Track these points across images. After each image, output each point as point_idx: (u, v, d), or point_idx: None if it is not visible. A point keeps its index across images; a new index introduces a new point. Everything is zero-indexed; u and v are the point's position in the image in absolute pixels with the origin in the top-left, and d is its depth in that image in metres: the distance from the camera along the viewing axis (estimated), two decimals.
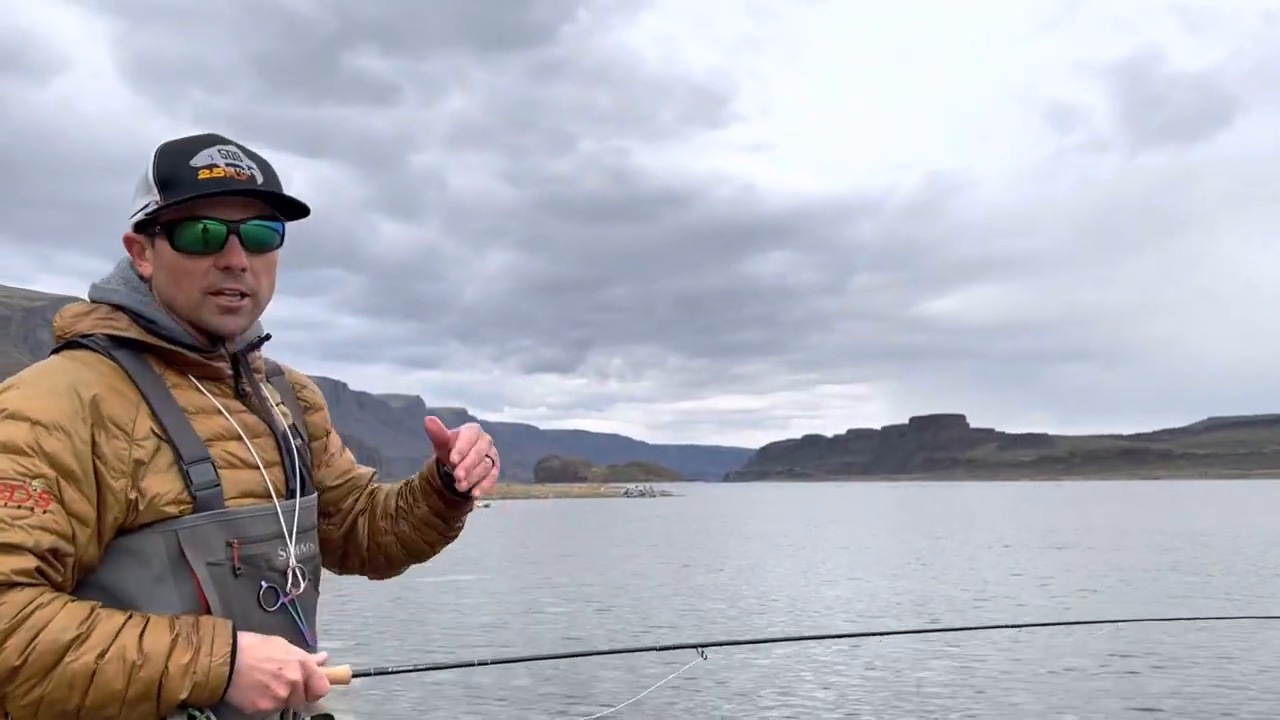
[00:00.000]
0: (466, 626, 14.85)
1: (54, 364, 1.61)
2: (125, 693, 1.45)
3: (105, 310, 1.67)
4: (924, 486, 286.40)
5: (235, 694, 1.54)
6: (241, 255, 1.66)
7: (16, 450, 1.49)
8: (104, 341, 1.64)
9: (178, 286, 1.67)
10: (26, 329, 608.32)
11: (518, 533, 44.04)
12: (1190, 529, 39.37)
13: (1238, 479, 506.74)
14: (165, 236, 1.65)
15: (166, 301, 1.69)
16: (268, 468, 1.72)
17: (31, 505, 1.47)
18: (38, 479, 1.49)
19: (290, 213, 1.74)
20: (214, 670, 1.51)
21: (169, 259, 1.66)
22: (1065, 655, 11.60)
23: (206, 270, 1.66)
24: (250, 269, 1.68)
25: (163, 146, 1.69)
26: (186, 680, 1.48)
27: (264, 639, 1.59)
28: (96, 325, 1.65)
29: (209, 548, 1.59)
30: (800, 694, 10.00)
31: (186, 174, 1.63)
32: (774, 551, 29.61)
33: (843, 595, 18.16)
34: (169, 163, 1.66)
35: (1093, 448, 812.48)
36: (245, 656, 1.54)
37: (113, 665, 1.44)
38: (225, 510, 1.61)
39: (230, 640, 1.54)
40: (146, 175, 1.67)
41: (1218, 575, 20.94)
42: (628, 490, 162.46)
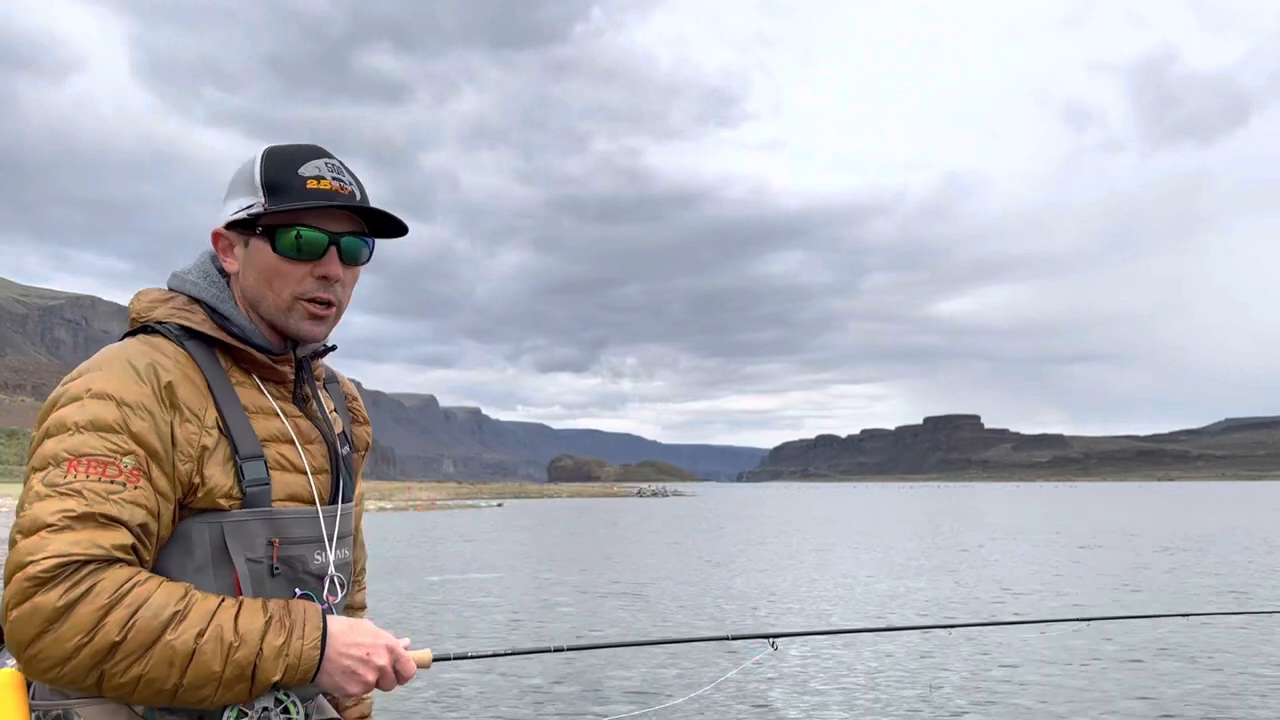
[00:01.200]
0: (512, 618, 14.78)
1: (130, 347, 1.64)
2: (222, 673, 1.48)
3: (182, 300, 1.72)
4: (939, 487, 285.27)
5: (324, 678, 1.58)
6: (338, 266, 1.72)
7: (106, 428, 1.52)
8: (176, 330, 1.68)
9: (269, 287, 1.72)
10: (44, 327, 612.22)
11: (540, 531, 43.96)
12: (1211, 529, 38.96)
13: (1255, 480, 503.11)
14: (267, 238, 1.70)
15: (252, 300, 1.73)
16: (315, 474, 1.74)
17: (124, 481, 1.51)
18: (128, 456, 1.52)
19: (380, 231, 1.80)
20: (305, 654, 1.54)
21: (266, 260, 1.70)
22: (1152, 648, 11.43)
23: (303, 277, 1.71)
24: (341, 280, 1.75)
25: (270, 151, 1.73)
26: (280, 662, 1.52)
27: (351, 623, 1.63)
28: (172, 314, 1.69)
29: (251, 544, 1.62)
30: (873, 685, 10.00)
31: (295, 181, 1.69)
32: (807, 550, 29.42)
33: (892, 590, 18.06)
34: (277, 168, 1.70)
35: (1108, 449, 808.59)
36: (335, 641, 1.58)
37: (210, 645, 1.47)
38: (270, 509, 1.64)
39: (321, 624, 1.58)
40: (252, 177, 1.70)
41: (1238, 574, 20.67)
42: (641, 490, 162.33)
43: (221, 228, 1.73)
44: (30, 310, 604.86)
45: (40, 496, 1.48)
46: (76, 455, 1.50)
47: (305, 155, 1.72)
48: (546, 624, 14.70)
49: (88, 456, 1.50)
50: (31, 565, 1.42)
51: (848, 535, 38.60)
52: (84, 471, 1.49)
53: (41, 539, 1.44)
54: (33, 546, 1.44)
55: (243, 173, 1.73)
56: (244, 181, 1.72)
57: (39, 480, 1.49)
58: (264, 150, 1.74)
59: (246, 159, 1.74)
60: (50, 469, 1.50)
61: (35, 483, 1.49)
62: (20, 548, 1.44)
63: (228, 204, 1.73)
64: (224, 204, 1.74)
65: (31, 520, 1.46)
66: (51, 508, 1.46)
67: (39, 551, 1.43)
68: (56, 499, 1.47)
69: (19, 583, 1.42)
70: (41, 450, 1.52)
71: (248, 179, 1.71)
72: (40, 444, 1.53)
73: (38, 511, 1.46)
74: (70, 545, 1.44)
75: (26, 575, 1.42)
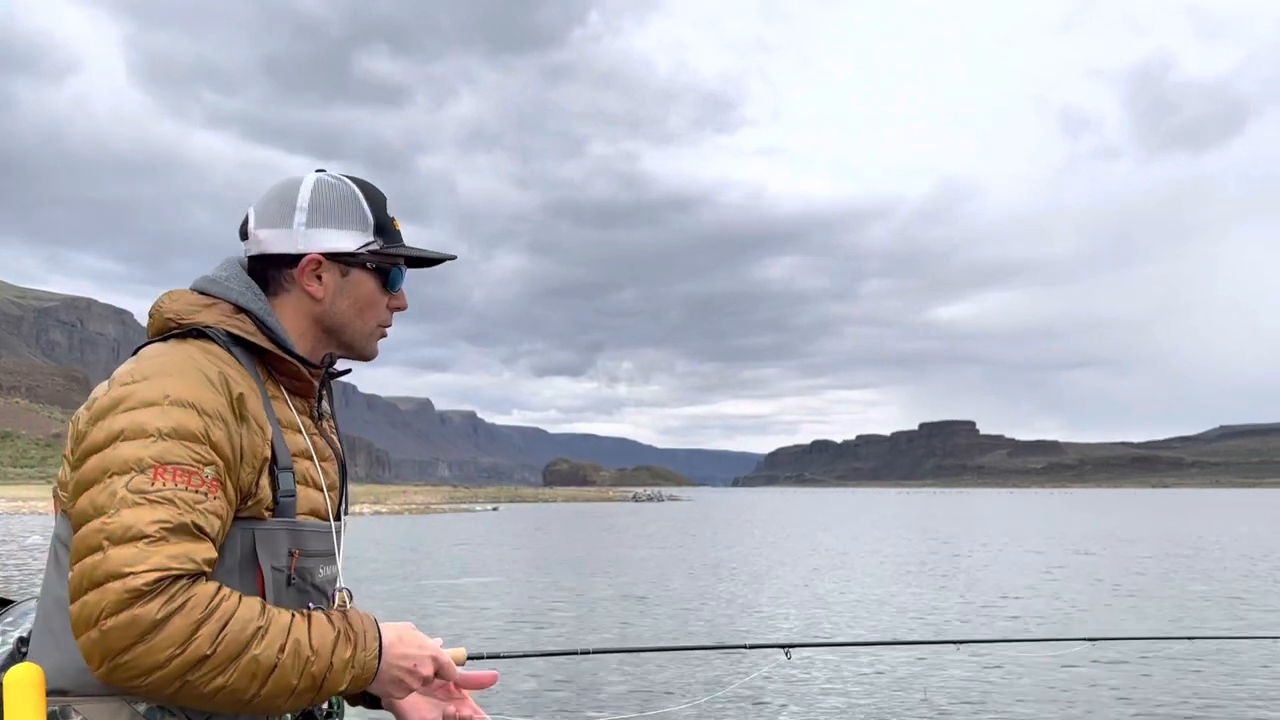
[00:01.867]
0: (511, 622, 14.75)
1: (194, 353, 1.64)
2: (296, 685, 1.52)
3: (228, 308, 1.72)
4: (934, 493, 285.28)
5: (375, 685, 1.64)
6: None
7: (190, 436, 1.53)
8: (224, 338, 1.69)
9: (361, 316, 1.82)
10: (39, 328, 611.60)
11: (536, 536, 43.90)
12: (1208, 538, 39.00)
13: (1249, 487, 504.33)
14: (375, 274, 1.82)
15: (333, 325, 1.82)
16: (329, 490, 1.79)
17: (205, 491, 1.52)
18: (209, 466, 1.54)
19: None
20: (367, 664, 1.60)
21: (368, 292, 1.82)
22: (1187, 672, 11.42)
23: (384, 308, 1.85)
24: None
25: (367, 188, 1.83)
26: (346, 674, 1.57)
27: (400, 633, 1.68)
28: (221, 321, 1.70)
29: (276, 552, 1.65)
30: (871, 694, 9.97)
31: (390, 223, 1.83)
32: (807, 558, 29.39)
33: (904, 603, 17.81)
34: (378, 209, 1.82)
35: (1103, 455, 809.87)
36: (388, 652, 1.63)
37: (290, 659, 1.51)
38: (295, 520, 1.69)
39: (378, 635, 1.63)
40: (364, 214, 1.80)
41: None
42: (636, 495, 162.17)
43: (321, 254, 1.77)
44: (25, 312, 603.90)
45: (129, 503, 1.47)
46: (162, 462, 1.50)
47: (381, 195, 1.84)
48: (545, 629, 14.68)
49: (174, 465, 1.51)
50: (132, 577, 1.44)
51: (845, 542, 38.57)
52: (171, 479, 1.50)
53: (140, 550, 1.45)
54: (131, 558, 1.45)
55: (346, 205, 1.79)
56: (353, 216, 1.79)
57: (123, 485, 1.48)
58: (357, 184, 1.82)
59: (334, 187, 1.80)
60: (134, 474, 1.49)
61: (118, 487, 1.48)
62: (116, 557, 1.45)
63: (324, 231, 1.77)
64: (313, 230, 1.77)
65: (125, 528, 1.46)
66: (146, 516, 1.47)
67: (139, 563, 1.44)
68: (148, 507, 1.48)
69: (118, 593, 1.43)
70: (120, 453, 1.51)
71: (359, 215, 1.80)
72: (112, 445, 1.52)
73: (130, 519, 1.47)
74: (169, 559, 1.46)
75: (127, 587, 1.43)
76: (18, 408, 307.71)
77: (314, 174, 1.82)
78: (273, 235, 1.77)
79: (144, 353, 1.66)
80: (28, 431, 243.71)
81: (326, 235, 1.77)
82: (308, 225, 1.76)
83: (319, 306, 1.79)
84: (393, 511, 71.91)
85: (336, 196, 1.79)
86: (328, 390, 1.89)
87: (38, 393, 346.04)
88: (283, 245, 1.77)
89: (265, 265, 1.79)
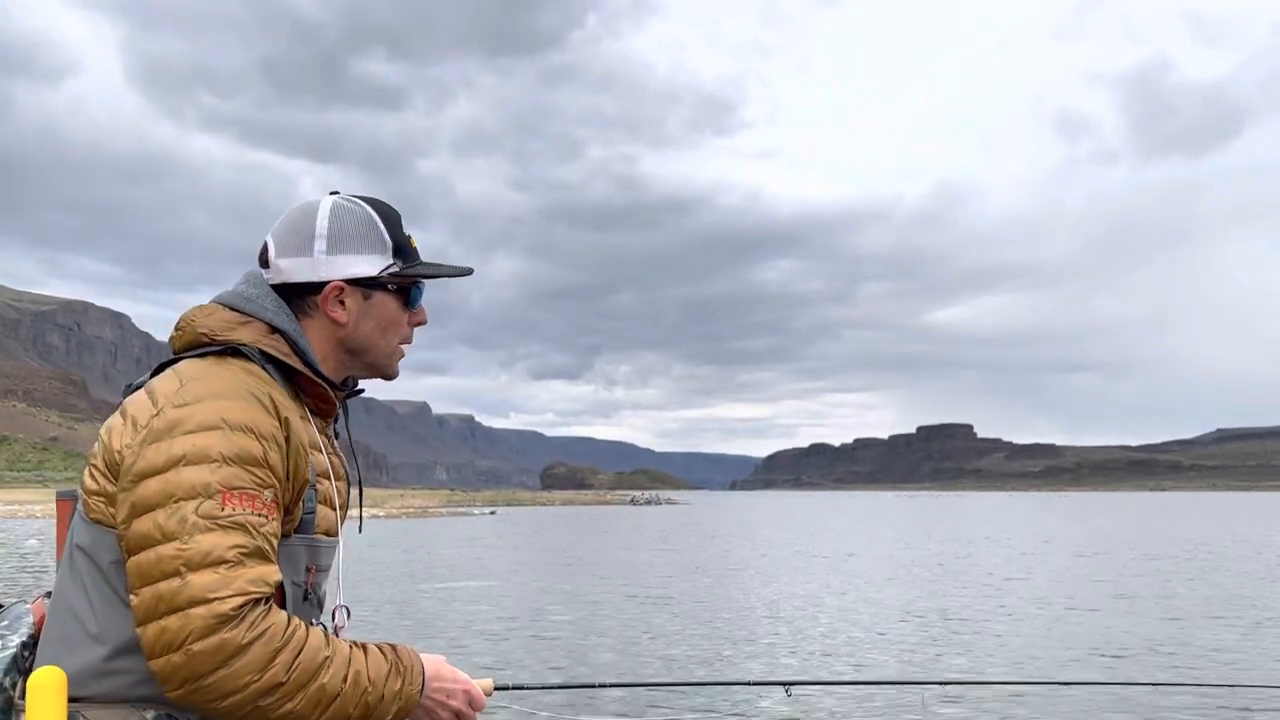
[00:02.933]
0: (509, 627, 14.76)
1: (239, 375, 1.65)
2: (352, 713, 1.57)
3: (263, 327, 1.74)
4: (932, 496, 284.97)
5: (410, 715, 1.69)
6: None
7: (253, 461, 1.56)
8: (259, 357, 1.69)
9: (385, 336, 1.84)
10: (36, 332, 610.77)
11: (534, 540, 43.85)
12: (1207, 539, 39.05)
13: (1246, 491, 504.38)
14: (397, 295, 1.83)
15: (358, 347, 1.83)
16: (341, 509, 1.82)
17: (266, 514, 1.56)
18: (269, 489, 1.58)
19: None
20: (411, 697, 1.65)
21: (390, 313, 1.83)
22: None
23: (404, 324, 1.87)
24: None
25: (383, 209, 1.84)
26: (394, 705, 1.62)
27: (436, 664, 1.73)
28: (258, 340, 1.71)
29: (296, 568, 1.69)
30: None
31: (406, 241, 1.84)
32: (818, 573, 29.38)
33: (924, 635, 15.78)
34: (395, 230, 1.83)
35: (1101, 458, 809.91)
36: (428, 684, 1.69)
37: (350, 689, 1.56)
38: (313, 536, 1.73)
39: (422, 669, 1.68)
40: (382, 237, 1.81)
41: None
42: (634, 498, 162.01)
43: (343, 281, 1.78)
44: (23, 315, 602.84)
45: (202, 529, 1.50)
46: (230, 487, 1.53)
47: (397, 214, 1.86)
48: (546, 641, 14.67)
49: (240, 490, 1.53)
50: (218, 602, 1.47)
51: (845, 550, 38.57)
52: (239, 504, 1.53)
53: (222, 576, 1.48)
54: (214, 583, 1.47)
55: (363, 230, 1.80)
56: (371, 240, 1.80)
57: (192, 510, 1.51)
58: (373, 206, 1.83)
59: (351, 211, 1.80)
60: (203, 499, 1.51)
61: (188, 512, 1.50)
62: (198, 582, 1.47)
63: (345, 258, 1.78)
64: (334, 256, 1.77)
65: (203, 554, 1.49)
66: (223, 541, 1.50)
67: (222, 589, 1.47)
68: (221, 532, 1.50)
69: (204, 619, 1.46)
70: (185, 477, 1.52)
71: (377, 238, 1.80)
72: (174, 469, 1.53)
73: (208, 544, 1.49)
74: (249, 584, 1.49)
75: (214, 613, 1.46)
76: (15, 411, 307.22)
77: (329, 198, 1.82)
78: (294, 264, 1.77)
79: (184, 371, 1.65)
80: (25, 435, 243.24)
81: (348, 261, 1.78)
82: (328, 253, 1.77)
83: (342, 330, 1.81)
84: (390, 515, 71.85)
85: (354, 221, 1.79)
86: (345, 410, 1.92)
87: (35, 396, 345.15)
88: (304, 274, 1.77)
89: (288, 291, 1.79)
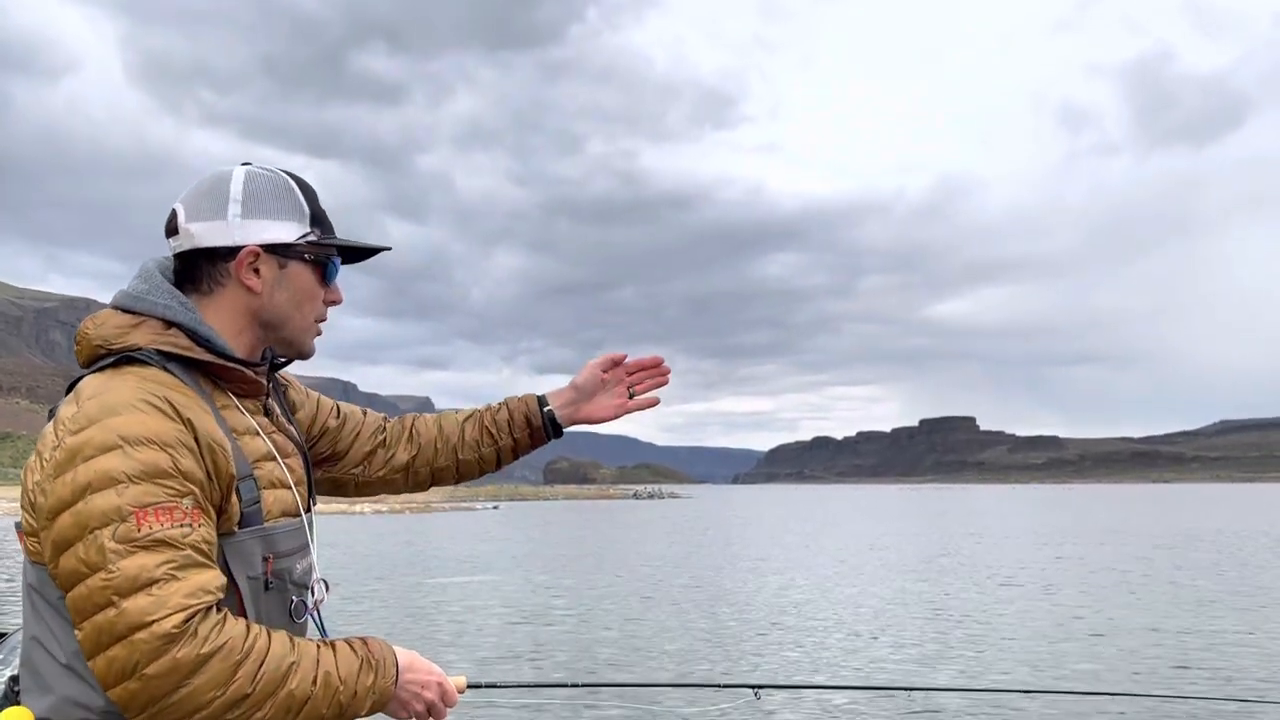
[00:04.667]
0: (507, 623, 14.74)
1: (131, 383, 1.57)
2: (326, 714, 1.54)
3: (157, 325, 1.65)
4: (935, 489, 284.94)
5: (385, 708, 1.67)
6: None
7: (160, 474, 1.49)
8: (156, 358, 1.61)
9: (300, 310, 1.77)
10: (38, 329, 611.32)
11: (537, 534, 43.84)
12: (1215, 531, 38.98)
13: (1249, 482, 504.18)
14: (313, 266, 1.76)
15: (273, 320, 1.75)
16: (297, 485, 1.77)
17: (189, 523, 1.49)
18: (186, 497, 1.50)
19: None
20: (385, 690, 1.62)
21: (306, 285, 1.76)
22: None
23: (320, 300, 1.80)
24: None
25: (299, 180, 1.77)
26: (368, 700, 1.60)
27: (410, 656, 1.70)
28: (153, 340, 1.63)
29: (249, 562, 1.63)
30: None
31: (324, 214, 1.78)
32: (819, 566, 29.36)
33: (909, 636, 15.23)
34: (314, 200, 1.77)
35: (1103, 450, 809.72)
36: (401, 676, 1.66)
37: (321, 691, 1.53)
38: (264, 526, 1.66)
39: (395, 661, 1.65)
40: (300, 204, 1.74)
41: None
42: (636, 492, 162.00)
43: (259, 246, 1.71)
44: (25, 312, 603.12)
45: (123, 554, 1.44)
46: (141, 506, 1.46)
47: (313, 188, 1.80)
48: (547, 640, 14.64)
49: (153, 506, 1.47)
50: (157, 624, 1.41)
51: (845, 548, 38.53)
52: (155, 521, 1.46)
53: (155, 597, 1.43)
54: (149, 606, 1.42)
55: (280, 196, 1.73)
56: (289, 207, 1.73)
57: (108, 538, 1.44)
58: (290, 176, 1.77)
59: (267, 178, 1.74)
60: (116, 524, 1.45)
61: (105, 540, 1.44)
62: (133, 608, 1.42)
63: (260, 222, 1.70)
64: (248, 220, 1.70)
65: (131, 579, 1.43)
66: (149, 562, 1.44)
67: (160, 609, 1.42)
68: (144, 553, 1.44)
69: (150, 642, 1.41)
70: (94, 506, 1.45)
71: (294, 204, 1.74)
72: (83, 499, 1.46)
73: (133, 569, 1.43)
74: (187, 598, 1.44)
75: (156, 634, 1.41)
76: (18, 408, 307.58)
77: (242, 166, 1.75)
78: (206, 229, 1.69)
79: (82, 390, 1.57)
80: (28, 432, 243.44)
81: (263, 226, 1.70)
82: (243, 216, 1.69)
83: (257, 300, 1.73)
84: (393, 510, 71.88)
85: (270, 187, 1.72)
86: (277, 385, 1.87)
87: (37, 393, 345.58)
88: (217, 238, 1.69)
89: (198, 261, 1.71)
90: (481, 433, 2.15)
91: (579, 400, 2.17)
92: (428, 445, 2.15)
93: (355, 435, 2.11)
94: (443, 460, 2.15)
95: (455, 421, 2.17)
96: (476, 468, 2.18)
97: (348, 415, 2.12)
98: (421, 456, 2.14)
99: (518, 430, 2.15)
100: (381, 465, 2.13)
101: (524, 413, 2.15)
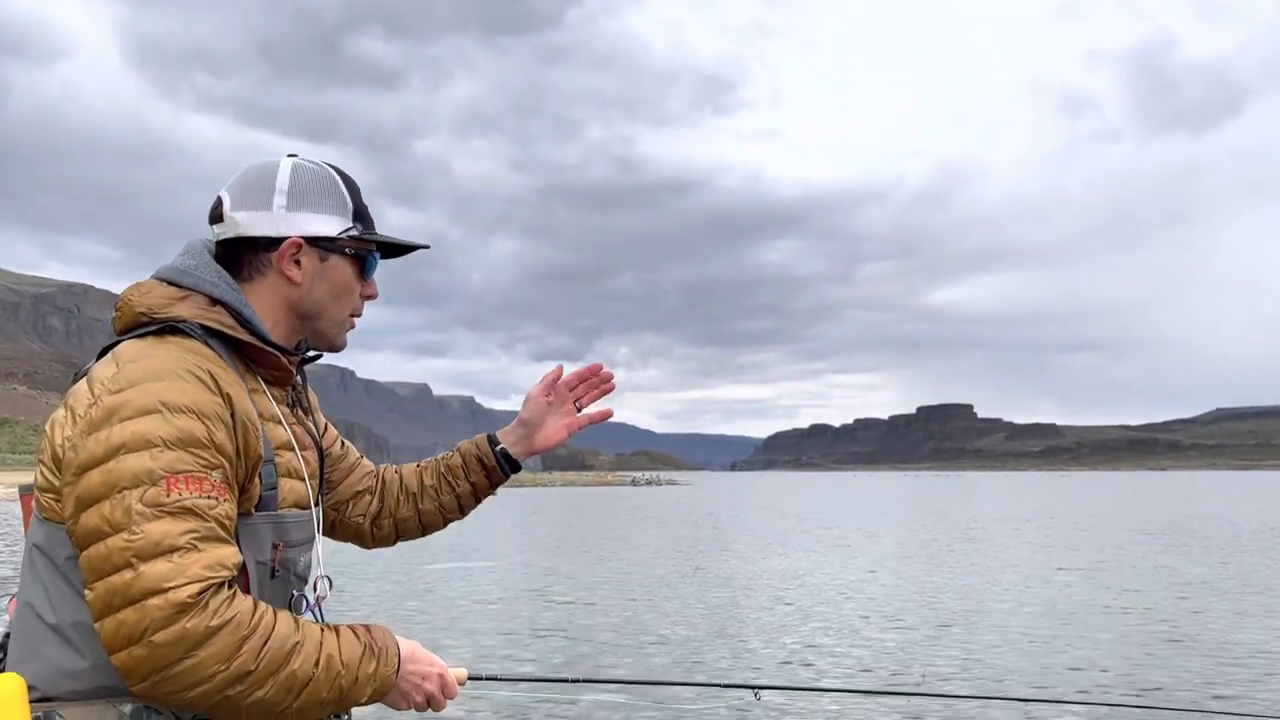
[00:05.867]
0: (505, 610, 14.72)
1: (176, 352, 1.58)
2: (326, 698, 1.54)
3: (203, 300, 1.67)
4: (933, 476, 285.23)
5: (385, 698, 1.67)
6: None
7: (196, 443, 1.50)
8: (200, 331, 1.62)
9: (337, 303, 1.79)
10: (35, 315, 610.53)
11: (534, 521, 43.85)
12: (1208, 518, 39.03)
13: (1246, 469, 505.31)
14: (354, 260, 1.79)
15: (310, 312, 1.78)
16: (311, 479, 1.78)
17: (216, 495, 1.50)
18: (216, 470, 1.51)
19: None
20: (387, 679, 1.62)
21: (345, 278, 1.79)
22: None
23: (357, 294, 1.83)
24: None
25: (343, 174, 1.80)
26: (369, 687, 1.59)
27: (411, 646, 1.70)
28: (198, 315, 1.64)
29: (260, 547, 1.63)
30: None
31: (366, 209, 1.81)
32: (805, 558, 29.36)
33: (912, 637, 15.89)
34: (357, 195, 1.80)
35: (1100, 438, 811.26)
36: (403, 666, 1.66)
37: (323, 673, 1.52)
38: (278, 513, 1.67)
39: (397, 650, 1.65)
40: (344, 199, 1.78)
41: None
42: (635, 479, 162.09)
43: (302, 238, 1.73)
44: (22, 298, 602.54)
45: (149, 517, 1.44)
46: (174, 472, 1.47)
47: (357, 183, 1.82)
48: (547, 628, 14.63)
49: (185, 473, 1.47)
50: (174, 591, 1.42)
51: (842, 537, 38.54)
52: (185, 488, 1.47)
53: (175, 564, 1.43)
54: (168, 572, 1.42)
55: (325, 190, 1.76)
56: (333, 201, 1.76)
57: (136, 499, 1.44)
58: (335, 171, 1.79)
59: (313, 171, 1.76)
60: (146, 487, 1.45)
61: (132, 501, 1.44)
62: (151, 573, 1.42)
63: (305, 215, 1.73)
64: (293, 213, 1.72)
65: (154, 543, 1.43)
66: (174, 528, 1.44)
67: (177, 577, 1.42)
68: (170, 519, 1.45)
69: (163, 609, 1.41)
70: (127, 465, 1.46)
71: (339, 199, 1.77)
72: (115, 458, 1.46)
73: (157, 533, 1.43)
74: (205, 570, 1.44)
75: (171, 602, 1.41)
76: (16, 394, 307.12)
77: (289, 158, 1.76)
78: (251, 218, 1.71)
79: (122, 354, 1.58)
80: (26, 418, 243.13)
81: (307, 219, 1.73)
82: (289, 208, 1.72)
83: (296, 291, 1.75)
84: None
85: (316, 180, 1.75)
86: (302, 376, 1.87)
87: (35, 379, 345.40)
88: (262, 228, 1.71)
89: (240, 249, 1.73)
90: (439, 480, 2.15)
91: (528, 433, 2.17)
92: (389, 495, 2.15)
93: (351, 471, 2.12)
94: (404, 511, 2.15)
95: (413, 471, 2.18)
96: (439, 516, 2.17)
97: (349, 450, 2.14)
98: (385, 509, 2.15)
99: (473, 474, 2.14)
100: (363, 511, 2.13)
101: (475, 455, 2.15)
